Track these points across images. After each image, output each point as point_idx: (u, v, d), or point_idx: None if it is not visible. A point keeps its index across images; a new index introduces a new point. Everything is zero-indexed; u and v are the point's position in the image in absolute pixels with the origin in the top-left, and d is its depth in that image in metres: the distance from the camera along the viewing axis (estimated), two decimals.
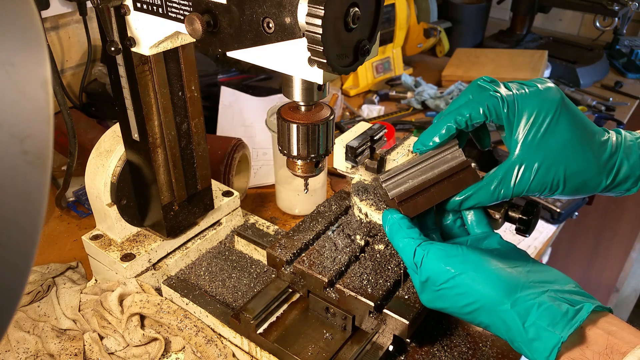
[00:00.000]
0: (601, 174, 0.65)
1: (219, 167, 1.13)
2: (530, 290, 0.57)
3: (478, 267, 0.59)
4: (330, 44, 0.52)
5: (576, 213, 1.24)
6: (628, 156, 0.65)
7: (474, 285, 0.58)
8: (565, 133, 0.63)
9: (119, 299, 0.87)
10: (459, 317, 0.62)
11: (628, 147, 0.66)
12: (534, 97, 0.64)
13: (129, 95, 0.81)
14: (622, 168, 0.65)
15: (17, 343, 0.85)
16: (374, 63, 1.83)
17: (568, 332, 0.53)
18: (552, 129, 0.63)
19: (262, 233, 1.03)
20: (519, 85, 0.66)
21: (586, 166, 0.64)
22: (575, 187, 0.65)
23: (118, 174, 0.89)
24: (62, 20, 1.46)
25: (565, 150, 0.63)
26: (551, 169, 0.63)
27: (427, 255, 0.61)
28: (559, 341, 0.53)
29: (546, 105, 0.63)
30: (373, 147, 0.78)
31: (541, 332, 0.54)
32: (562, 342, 0.53)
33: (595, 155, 0.64)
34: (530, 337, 0.55)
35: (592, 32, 2.25)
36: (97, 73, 1.50)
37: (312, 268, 0.75)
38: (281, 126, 0.68)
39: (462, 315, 0.61)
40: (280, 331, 0.80)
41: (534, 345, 0.55)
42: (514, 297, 0.56)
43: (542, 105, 0.63)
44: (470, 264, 0.60)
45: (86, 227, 1.14)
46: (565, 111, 0.63)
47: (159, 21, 0.69)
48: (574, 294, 0.57)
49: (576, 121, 0.64)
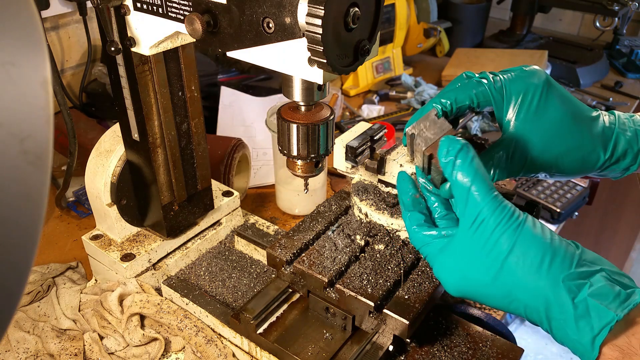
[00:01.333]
0: (598, 147, 0.65)
1: (219, 167, 1.13)
2: (584, 267, 0.54)
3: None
4: (330, 44, 0.52)
5: (576, 213, 1.24)
6: (624, 131, 0.66)
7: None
8: (556, 110, 0.64)
9: (119, 299, 0.87)
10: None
11: (623, 123, 0.67)
12: (520, 79, 0.65)
13: (129, 95, 0.81)
14: (620, 142, 0.66)
15: (17, 343, 0.85)
16: (374, 63, 1.83)
17: (623, 312, 0.50)
18: (542, 107, 0.64)
19: (262, 233, 1.03)
20: (504, 71, 0.67)
21: (582, 141, 0.64)
22: (574, 162, 0.65)
23: (118, 174, 0.89)
24: (62, 20, 1.46)
25: (559, 126, 0.63)
26: (548, 145, 0.63)
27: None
28: (612, 319, 0.50)
29: (533, 85, 0.64)
30: (373, 147, 0.78)
31: (593, 309, 0.51)
32: (615, 322, 0.50)
33: (589, 129, 0.65)
34: (579, 313, 0.52)
35: (592, 32, 2.25)
36: (97, 73, 1.50)
37: (312, 268, 0.75)
38: (281, 126, 0.68)
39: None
40: (280, 331, 0.80)
41: (581, 324, 0.52)
42: (567, 271, 0.53)
43: (528, 85, 0.64)
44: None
45: (86, 227, 1.14)
46: (552, 89, 0.65)
47: (159, 21, 0.69)
48: (623, 276, 0.54)
49: (565, 98, 0.65)
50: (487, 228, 0.55)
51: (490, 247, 0.55)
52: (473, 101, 0.65)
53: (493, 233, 0.55)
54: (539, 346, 2.65)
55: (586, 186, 1.28)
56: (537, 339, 2.68)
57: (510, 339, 0.82)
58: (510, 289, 0.55)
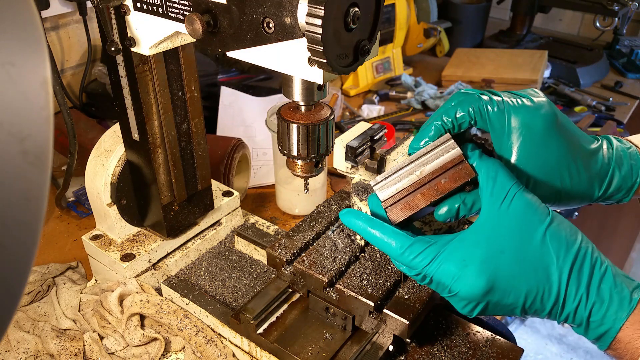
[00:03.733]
0: (593, 186, 0.64)
1: (219, 167, 1.13)
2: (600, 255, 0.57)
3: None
4: (330, 44, 0.52)
5: (576, 213, 1.25)
6: (620, 167, 0.65)
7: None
8: (559, 148, 0.62)
9: (119, 299, 0.87)
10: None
11: (619, 158, 0.65)
12: (528, 109, 0.62)
13: (129, 95, 0.81)
14: (614, 179, 0.65)
15: (17, 343, 0.85)
16: (374, 63, 1.83)
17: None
18: (546, 143, 0.61)
19: (262, 233, 1.03)
20: (510, 94, 0.64)
21: (579, 180, 0.63)
22: (569, 199, 0.64)
23: (118, 174, 0.89)
24: (62, 20, 1.46)
25: (559, 164, 0.62)
26: (546, 181, 0.62)
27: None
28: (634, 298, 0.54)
29: (540, 119, 0.61)
30: (373, 147, 0.78)
31: (619, 285, 0.55)
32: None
33: (587, 168, 0.63)
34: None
35: (592, 32, 2.25)
36: (97, 73, 1.50)
37: (312, 268, 0.75)
38: (281, 126, 0.68)
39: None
40: (280, 331, 0.80)
41: (614, 296, 0.55)
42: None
43: (535, 118, 0.61)
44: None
45: (86, 227, 1.14)
46: (558, 125, 0.62)
47: (159, 21, 0.69)
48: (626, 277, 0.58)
49: (570, 136, 0.63)
50: (522, 201, 0.56)
51: (528, 221, 0.56)
52: (472, 118, 0.62)
53: (530, 206, 0.57)
54: (539, 346, 2.65)
55: None
56: (537, 339, 2.69)
57: (510, 339, 0.82)
58: (547, 266, 0.55)
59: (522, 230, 0.56)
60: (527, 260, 0.55)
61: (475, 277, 0.56)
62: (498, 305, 0.57)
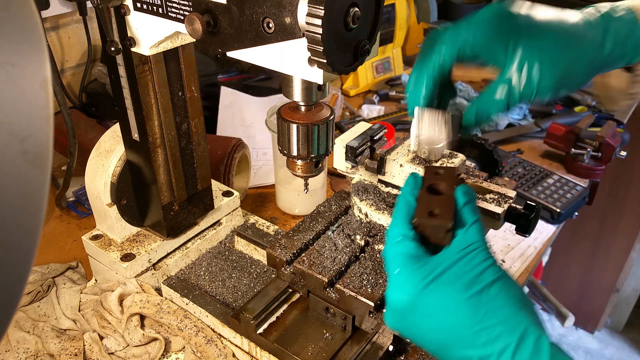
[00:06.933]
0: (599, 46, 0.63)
1: (219, 167, 1.13)
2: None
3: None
4: (330, 44, 0.52)
5: (576, 213, 1.24)
6: (618, 29, 0.64)
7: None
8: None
9: (119, 299, 0.87)
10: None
11: (619, 19, 0.64)
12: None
13: (129, 95, 0.81)
14: (619, 34, 0.64)
15: (17, 343, 0.85)
16: (374, 63, 1.83)
17: None
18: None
19: (262, 233, 1.03)
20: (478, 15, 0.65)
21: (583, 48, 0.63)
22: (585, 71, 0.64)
23: (118, 174, 0.89)
24: (62, 20, 1.46)
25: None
26: (555, 60, 0.62)
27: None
28: None
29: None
30: (373, 147, 0.78)
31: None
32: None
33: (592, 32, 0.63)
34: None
35: None
36: (97, 73, 1.50)
37: (312, 268, 0.75)
38: (281, 126, 0.68)
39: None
40: (280, 331, 0.80)
41: None
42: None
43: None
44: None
45: (86, 227, 1.14)
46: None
47: (159, 21, 0.69)
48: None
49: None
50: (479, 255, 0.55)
51: (479, 270, 0.54)
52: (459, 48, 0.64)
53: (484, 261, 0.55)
54: None
55: (586, 186, 1.29)
56: None
57: None
58: (486, 310, 0.53)
59: (476, 277, 0.54)
60: (469, 303, 0.54)
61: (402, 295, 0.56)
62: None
